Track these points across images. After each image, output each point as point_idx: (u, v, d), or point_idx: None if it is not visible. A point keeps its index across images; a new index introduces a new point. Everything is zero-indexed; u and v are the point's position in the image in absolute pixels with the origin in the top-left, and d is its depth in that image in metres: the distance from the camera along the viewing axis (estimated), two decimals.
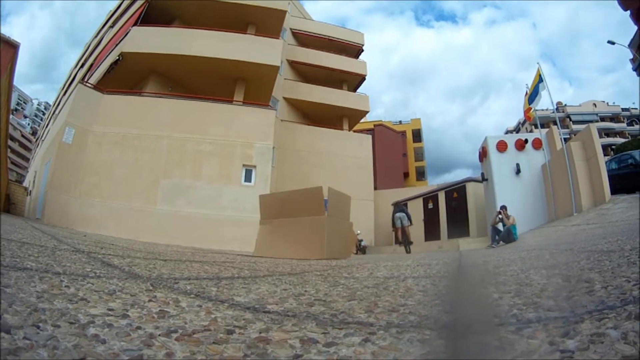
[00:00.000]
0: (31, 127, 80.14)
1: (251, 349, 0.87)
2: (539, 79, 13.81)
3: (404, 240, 12.79)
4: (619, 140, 55.09)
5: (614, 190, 10.92)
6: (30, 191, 17.90)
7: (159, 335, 0.93)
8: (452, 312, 1.45)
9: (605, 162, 12.08)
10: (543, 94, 13.79)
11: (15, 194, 19.04)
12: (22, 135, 67.64)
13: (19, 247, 2.69)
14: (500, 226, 11.31)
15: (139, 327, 0.98)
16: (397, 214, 13.08)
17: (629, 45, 28.50)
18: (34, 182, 18.05)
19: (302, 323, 1.15)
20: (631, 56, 29.58)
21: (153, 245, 6.89)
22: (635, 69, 32.13)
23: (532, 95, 14.30)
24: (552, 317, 1.09)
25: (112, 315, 1.06)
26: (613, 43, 27.16)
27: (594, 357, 0.74)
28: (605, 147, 30.94)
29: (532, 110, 14.59)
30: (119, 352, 0.78)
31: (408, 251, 12.33)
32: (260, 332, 1.03)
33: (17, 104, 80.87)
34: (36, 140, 37.33)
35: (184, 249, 7.24)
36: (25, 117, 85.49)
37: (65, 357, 0.72)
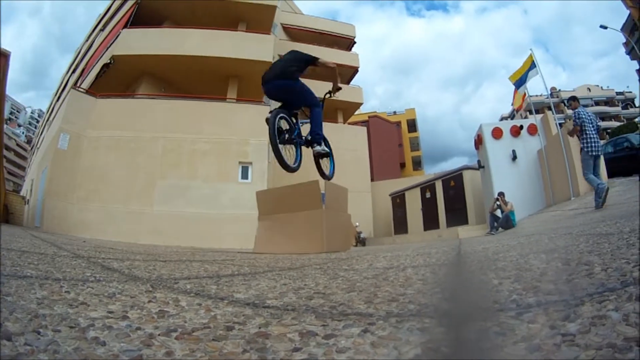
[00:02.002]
0: (26, 136, 79.97)
1: (250, 344, 0.88)
2: (532, 64, 13.73)
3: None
4: (615, 123, 55.19)
5: (611, 174, 10.98)
6: (28, 200, 17.87)
7: (159, 335, 0.93)
8: (452, 300, 1.45)
9: (602, 146, 12.13)
10: (535, 79, 13.76)
11: (13, 204, 18.98)
12: (17, 144, 67.48)
13: (18, 255, 2.69)
14: (498, 213, 11.33)
15: (138, 328, 0.98)
16: None
17: (621, 29, 28.56)
18: (31, 190, 18.02)
19: (302, 316, 1.16)
20: (624, 40, 29.63)
21: (152, 247, 6.88)
22: (628, 53, 32.19)
23: (520, 81, 14.25)
24: (552, 301, 1.08)
25: (112, 318, 1.07)
26: (605, 27, 27.19)
27: (595, 340, 0.74)
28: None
29: (525, 96, 14.54)
30: (118, 353, 0.79)
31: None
32: (259, 327, 1.03)
33: (11, 113, 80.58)
34: (31, 148, 37.15)
35: (184, 249, 7.24)
36: (20, 125, 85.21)
37: None
